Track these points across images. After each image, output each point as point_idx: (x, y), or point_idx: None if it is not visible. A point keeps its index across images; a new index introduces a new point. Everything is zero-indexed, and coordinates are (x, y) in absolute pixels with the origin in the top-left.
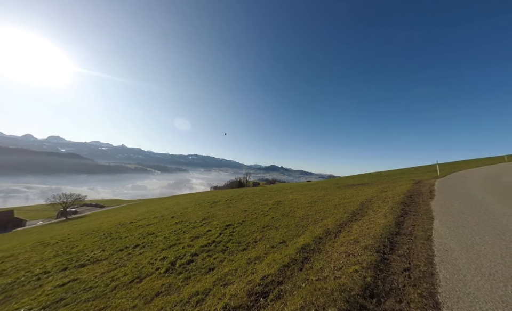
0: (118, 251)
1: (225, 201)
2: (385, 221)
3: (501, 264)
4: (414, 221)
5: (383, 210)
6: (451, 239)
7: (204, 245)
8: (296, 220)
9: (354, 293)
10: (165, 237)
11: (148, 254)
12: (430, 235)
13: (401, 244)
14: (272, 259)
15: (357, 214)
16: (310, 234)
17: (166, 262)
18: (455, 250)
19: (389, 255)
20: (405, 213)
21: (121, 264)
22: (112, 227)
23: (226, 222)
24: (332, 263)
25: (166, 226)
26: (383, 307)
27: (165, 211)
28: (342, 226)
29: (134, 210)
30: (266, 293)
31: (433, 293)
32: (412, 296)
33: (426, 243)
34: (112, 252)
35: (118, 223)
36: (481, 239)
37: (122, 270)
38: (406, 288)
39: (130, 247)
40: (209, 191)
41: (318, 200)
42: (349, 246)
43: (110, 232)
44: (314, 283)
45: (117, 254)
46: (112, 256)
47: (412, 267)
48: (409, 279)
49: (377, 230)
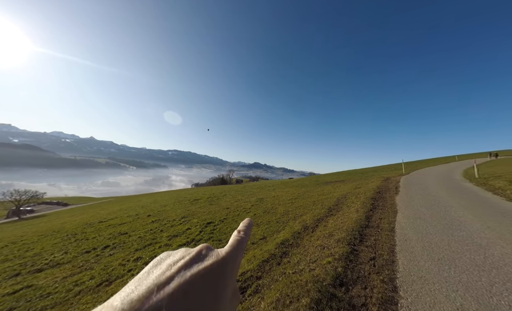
0: (83, 253)
1: (207, 198)
2: (357, 216)
3: (447, 250)
4: (381, 214)
5: (355, 205)
6: (410, 230)
7: (182, 244)
8: (277, 216)
9: (326, 283)
10: (140, 237)
11: (119, 255)
12: (393, 226)
13: (369, 236)
14: (252, 255)
15: (333, 209)
16: (289, 230)
17: (140, 263)
18: (412, 239)
19: (358, 247)
20: (374, 208)
21: (88, 267)
22: (77, 227)
23: (207, 220)
24: (308, 257)
25: (142, 225)
26: (350, 294)
27: (140, 209)
28: (319, 221)
29: (104, 208)
30: (245, 288)
31: (393, 278)
32: (375, 283)
33: (390, 234)
34: (77, 254)
35: (85, 223)
36: (433, 229)
37: (89, 274)
38: (370, 276)
39: (98, 249)
40: (190, 189)
41: (299, 197)
42: (324, 239)
43: (74, 233)
44: (291, 276)
45: (82, 257)
46: (76, 259)
47: (377, 256)
48: (374, 267)
49: (349, 224)
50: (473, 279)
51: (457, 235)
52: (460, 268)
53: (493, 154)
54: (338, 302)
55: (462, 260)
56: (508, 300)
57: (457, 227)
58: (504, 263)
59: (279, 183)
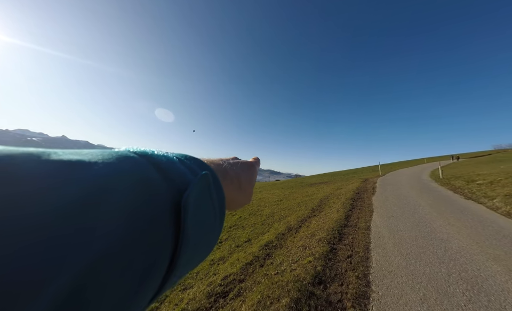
0: None
1: None
2: (337, 216)
3: (414, 246)
4: (359, 214)
5: (336, 206)
6: (383, 227)
7: None
8: (263, 218)
9: (306, 282)
10: None
11: None
12: (369, 225)
13: (348, 234)
14: (236, 258)
15: (316, 210)
16: (274, 231)
17: None
18: (385, 236)
19: (337, 245)
20: (353, 208)
21: None
22: None
23: None
24: (291, 257)
25: None
26: (328, 291)
27: None
28: (302, 222)
29: None
30: (227, 292)
31: (366, 274)
32: (350, 279)
33: (366, 232)
34: None
35: None
36: (403, 226)
37: None
38: (347, 273)
39: None
40: None
41: (284, 198)
42: (306, 240)
43: None
44: (273, 277)
45: None
46: None
47: (353, 253)
48: (350, 264)
49: (330, 224)
50: (435, 270)
51: (423, 231)
52: (424, 261)
53: (455, 157)
54: (316, 299)
55: (426, 254)
56: (462, 288)
57: (423, 224)
58: (460, 255)
59: (265, 185)
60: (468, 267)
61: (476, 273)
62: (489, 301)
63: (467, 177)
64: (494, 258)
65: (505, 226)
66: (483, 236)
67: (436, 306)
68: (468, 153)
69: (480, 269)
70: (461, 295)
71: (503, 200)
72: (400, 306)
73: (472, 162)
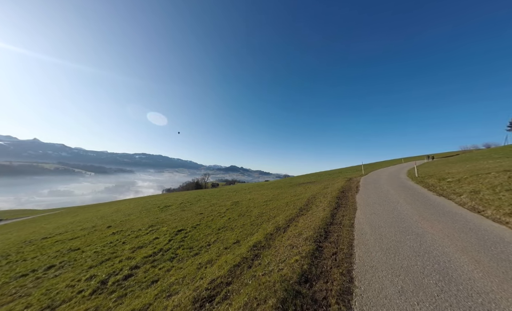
0: (18, 278)
1: (179, 204)
2: (323, 214)
3: (393, 241)
4: (344, 212)
5: (323, 204)
6: (366, 224)
7: (148, 255)
8: (252, 219)
9: (293, 281)
10: (96, 252)
11: (68, 276)
12: (353, 222)
13: (333, 232)
14: (224, 261)
15: (303, 209)
16: (262, 232)
17: (94, 281)
18: (367, 232)
19: (323, 243)
20: (338, 206)
21: (23, 293)
22: (10, 247)
23: (178, 227)
24: (278, 257)
25: (99, 238)
26: (314, 289)
27: (98, 220)
28: (290, 221)
29: (50, 222)
30: (213, 296)
31: (350, 270)
32: (335, 276)
33: (350, 229)
34: (8, 280)
35: (22, 241)
36: (384, 222)
37: (23, 302)
38: (332, 270)
39: (40, 270)
40: (160, 195)
41: (273, 198)
42: (294, 239)
43: (6, 255)
44: (260, 278)
45: (15, 282)
46: (6, 286)
47: (338, 250)
48: (335, 261)
49: (317, 223)
50: (411, 264)
51: (401, 226)
52: (402, 255)
53: (430, 156)
54: (302, 298)
55: (404, 248)
56: (435, 278)
57: (401, 220)
58: (434, 248)
59: (255, 186)
60: (440, 259)
61: (447, 265)
62: (458, 290)
63: (439, 175)
64: (462, 249)
65: (471, 220)
66: (452, 229)
67: (412, 297)
68: (440, 153)
69: (451, 261)
70: (434, 285)
71: (469, 196)
72: (380, 299)
73: (443, 161)
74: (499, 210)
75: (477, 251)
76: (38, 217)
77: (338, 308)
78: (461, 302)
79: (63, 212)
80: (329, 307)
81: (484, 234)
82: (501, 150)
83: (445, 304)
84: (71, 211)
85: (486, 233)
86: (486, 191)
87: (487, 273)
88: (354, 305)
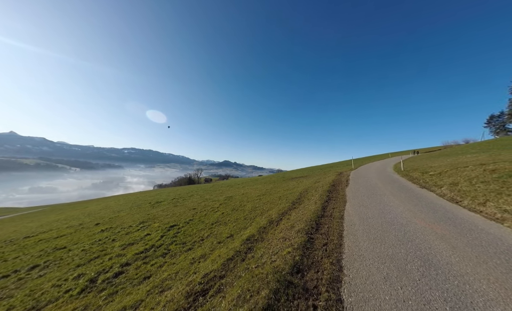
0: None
1: (171, 200)
2: (315, 207)
3: (380, 230)
4: (334, 205)
5: (314, 198)
6: (355, 216)
7: (139, 252)
8: (245, 213)
9: (285, 272)
10: (84, 250)
11: (54, 275)
12: (343, 214)
13: (324, 224)
14: (218, 255)
15: (296, 203)
16: (256, 225)
17: (83, 280)
18: (356, 223)
19: (314, 235)
20: (329, 199)
21: (4, 295)
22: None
23: (170, 223)
24: (271, 249)
25: (87, 236)
26: (305, 279)
27: (86, 217)
28: (283, 215)
29: (33, 220)
30: (207, 290)
31: (339, 259)
32: (325, 265)
33: (340, 221)
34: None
35: (2, 240)
36: (372, 213)
37: (5, 304)
38: (322, 260)
39: (22, 271)
40: (151, 191)
41: (266, 193)
42: (286, 232)
43: None
44: (253, 270)
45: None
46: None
47: (328, 241)
48: (325, 252)
49: (308, 215)
50: (396, 252)
51: (387, 217)
52: (387, 244)
53: (415, 151)
54: (294, 288)
55: (389, 237)
56: (417, 264)
57: (387, 211)
58: (416, 237)
59: (248, 181)
60: (422, 246)
61: (428, 251)
62: (437, 274)
63: (422, 169)
64: (441, 237)
65: (450, 209)
66: (433, 219)
67: (396, 283)
68: (425, 148)
69: (431, 247)
70: (416, 271)
71: (449, 188)
72: (367, 286)
73: (427, 156)
74: (474, 200)
75: (454, 238)
76: (19, 215)
77: (328, 296)
78: (439, 285)
79: (47, 210)
80: (319, 295)
81: (461, 222)
82: (478, 145)
83: (425, 287)
84: (56, 209)
85: (462, 221)
86: (463, 183)
87: (462, 258)
88: (343, 292)
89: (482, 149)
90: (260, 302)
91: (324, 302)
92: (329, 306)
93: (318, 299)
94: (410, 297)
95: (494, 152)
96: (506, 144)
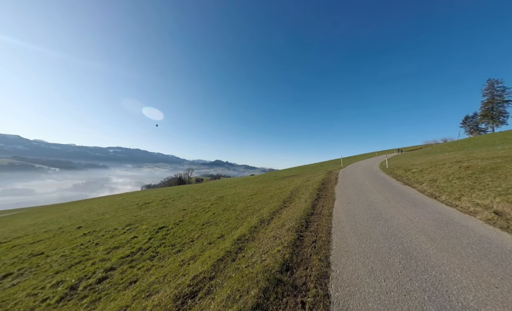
0: None
1: (160, 201)
2: (305, 205)
3: (366, 226)
4: (323, 202)
5: (305, 196)
6: (342, 213)
7: (125, 255)
8: (236, 213)
9: (275, 270)
10: (63, 256)
11: (29, 284)
12: (331, 212)
13: (313, 222)
14: (208, 256)
15: (287, 202)
16: (247, 225)
17: (62, 287)
18: (344, 220)
19: (304, 233)
20: (318, 197)
21: None
22: None
23: (159, 224)
24: (262, 248)
25: (67, 241)
26: (294, 276)
27: (66, 220)
28: (274, 214)
29: (6, 225)
30: (196, 292)
31: (327, 255)
32: (314, 262)
33: (329, 218)
34: None
35: None
36: (359, 210)
37: None
38: (311, 257)
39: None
40: (139, 191)
41: (258, 192)
42: (277, 230)
43: None
44: (243, 270)
45: None
46: None
47: (317, 239)
48: (314, 249)
49: (298, 214)
50: (380, 246)
51: (373, 213)
52: (372, 239)
53: (399, 150)
54: (283, 286)
55: (374, 233)
56: (399, 257)
57: (373, 207)
58: (398, 231)
59: (240, 180)
60: (404, 240)
61: (409, 245)
62: (417, 265)
63: (405, 166)
64: (421, 230)
65: (429, 204)
66: (414, 213)
67: (380, 276)
68: (408, 147)
69: (412, 241)
70: (398, 263)
71: (429, 184)
72: (353, 280)
73: (410, 154)
74: (451, 195)
75: (433, 231)
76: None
77: (316, 291)
78: (419, 276)
79: (23, 213)
80: (308, 291)
81: (438, 216)
82: (455, 144)
83: (406, 278)
84: (33, 212)
85: (440, 215)
86: (441, 179)
87: (439, 250)
88: (330, 287)
89: (458, 147)
90: (249, 302)
91: (312, 298)
92: (317, 302)
93: (307, 295)
94: (393, 288)
95: (468, 150)
96: (479, 143)
